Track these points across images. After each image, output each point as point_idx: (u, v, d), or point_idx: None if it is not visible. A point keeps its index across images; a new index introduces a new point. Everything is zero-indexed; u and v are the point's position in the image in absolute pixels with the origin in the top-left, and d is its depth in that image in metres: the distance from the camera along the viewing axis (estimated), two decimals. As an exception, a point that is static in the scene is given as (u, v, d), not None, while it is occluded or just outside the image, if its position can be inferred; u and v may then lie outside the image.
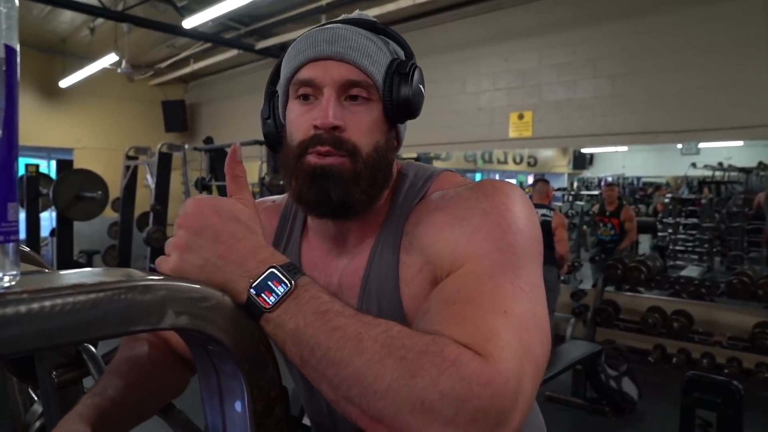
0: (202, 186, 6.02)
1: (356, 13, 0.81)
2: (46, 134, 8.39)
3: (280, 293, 0.56)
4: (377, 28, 0.78)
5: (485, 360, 0.50)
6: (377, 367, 0.50)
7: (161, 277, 0.51)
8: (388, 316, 0.58)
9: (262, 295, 0.56)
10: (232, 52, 7.46)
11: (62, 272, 0.47)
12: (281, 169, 0.79)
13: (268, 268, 0.58)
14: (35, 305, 0.39)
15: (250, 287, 0.56)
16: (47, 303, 0.39)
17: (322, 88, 0.72)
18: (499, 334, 0.54)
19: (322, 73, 0.72)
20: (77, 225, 6.64)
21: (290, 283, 0.57)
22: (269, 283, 0.56)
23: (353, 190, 0.72)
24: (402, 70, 0.75)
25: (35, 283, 0.41)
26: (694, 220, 8.60)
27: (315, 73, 0.72)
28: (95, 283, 0.43)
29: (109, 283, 0.44)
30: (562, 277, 5.09)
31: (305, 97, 0.74)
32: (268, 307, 0.56)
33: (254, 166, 6.16)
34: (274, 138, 0.82)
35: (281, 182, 5.15)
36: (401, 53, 0.80)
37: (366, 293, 0.77)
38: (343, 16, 0.80)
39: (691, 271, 7.30)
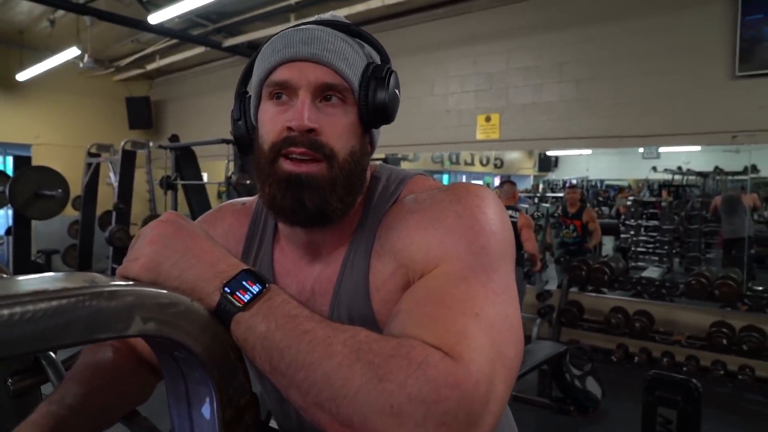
0: (167, 185, 5.89)
1: (330, 14, 0.79)
2: (2, 129, 8.08)
3: (254, 292, 0.56)
4: (352, 30, 0.77)
5: (455, 361, 0.50)
6: (346, 371, 0.50)
7: (128, 283, 0.49)
8: (359, 323, 0.58)
9: (237, 293, 0.56)
10: (199, 49, 7.32)
11: (22, 278, 0.45)
12: (253, 172, 0.77)
13: (241, 270, 0.58)
14: (-8, 313, 0.37)
15: (224, 286, 0.56)
16: (5, 311, 0.37)
17: (297, 90, 0.70)
18: (470, 336, 0.54)
19: (297, 75, 0.70)
20: (36, 224, 6.43)
21: (264, 283, 0.57)
22: (243, 282, 0.57)
23: (330, 198, 0.70)
24: (378, 74, 0.74)
25: (-8, 290, 0.39)
26: (655, 223, 8.85)
27: (290, 74, 0.70)
28: (57, 290, 0.41)
29: (73, 289, 0.42)
30: (531, 276, 5.17)
31: (279, 97, 0.72)
32: (242, 305, 0.55)
33: (221, 165, 6.07)
34: (244, 140, 0.79)
35: (248, 181, 5.09)
36: (376, 57, 0.79)
37: (337, 300, 0.76)
38: (316, 17, 0.78)
39: (652, 272, 7.50)
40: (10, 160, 7.60)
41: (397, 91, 0.77)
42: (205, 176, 6.73)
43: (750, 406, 4.00)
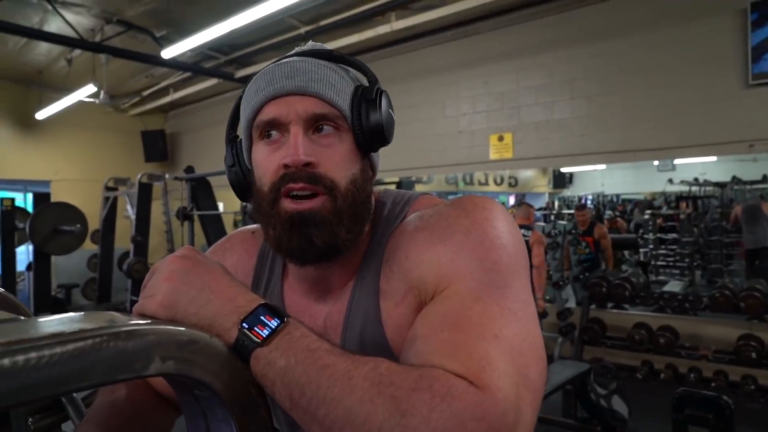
0: (184, 216, 5.95)
1: (309, 44, 0.78)
2: (22, 167, 8.27)
3: (273, 327, 0.55)
4: (334, 56, 0.75)
5: (480, 391, 0.49)
6: (368, 406, 0.49)
7: (145, 321, 0.49)
8: (371, 350, 0.56)
9: (255, 329, 0.54)
10: (212, 81, 7.46)
11: (40, 319, 0.44)
12: (255, 217, 0.74)
13: (259, 304, 0.57)
14: (7, 360, 0.36)
15: (242, 321, 0.55)
16: (21, 357, 0.37)
17: (288, 125, 0.68)
18: (493, 362, 0.52)
19: (285, 110, 0.68)
20: (55, 258, 6.51)
21: (283, 317, 0.56)
22: (261, 317, 0.55)
23: (337, 231, 0.68)
24: (368, 96, 0.72)
25: (9, 334, 0.38)
26: (674, 236, 8.72)
27: (278, 110, 0.69)
28: (75, 331, 0.41)
29: (90, 330, 0.42)
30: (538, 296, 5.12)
31: (270, 136, 0.70)
32: (261, 340, 0.54)
33: (236, 194, 6.12)
34: (241, 186, 0.78)
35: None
36: (363, 79, 0.77)
37: (348, 330, 0.73)
38: (296, 49, 0.77)
39: (674, 285, 7.37)
40: (30, 197, 7.74)
41: (390, 111, 0.75)
42: (221, 206, 6.79)
43: (784, 421, 3.87)
